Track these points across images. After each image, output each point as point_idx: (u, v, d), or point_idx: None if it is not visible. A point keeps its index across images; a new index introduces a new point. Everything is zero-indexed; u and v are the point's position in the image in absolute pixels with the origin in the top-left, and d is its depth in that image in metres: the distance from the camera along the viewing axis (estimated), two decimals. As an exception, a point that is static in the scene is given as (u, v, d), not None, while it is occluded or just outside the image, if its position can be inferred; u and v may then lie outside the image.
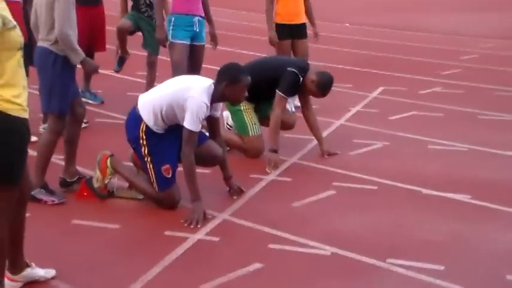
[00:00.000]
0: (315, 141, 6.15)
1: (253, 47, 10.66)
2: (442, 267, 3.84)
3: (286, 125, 5.90)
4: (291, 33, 7.00)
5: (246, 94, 4.71)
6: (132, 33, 7.15)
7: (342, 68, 9.74)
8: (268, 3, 7.04)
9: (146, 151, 4.65)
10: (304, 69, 5.70)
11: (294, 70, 5.62)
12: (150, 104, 4.65)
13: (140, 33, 7.15)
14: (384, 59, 10.66)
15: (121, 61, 7.25)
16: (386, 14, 16.46)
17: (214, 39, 6.45)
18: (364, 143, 6.20)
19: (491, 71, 9.76)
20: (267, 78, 5.60)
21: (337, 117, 7.02)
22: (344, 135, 6.48)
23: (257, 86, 5.16)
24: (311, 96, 5.84)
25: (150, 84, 6.83)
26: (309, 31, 7.18)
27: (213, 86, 4.59)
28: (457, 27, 14.12)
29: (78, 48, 4.58)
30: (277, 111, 5.60)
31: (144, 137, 4.65)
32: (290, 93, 5.72)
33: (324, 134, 6.45)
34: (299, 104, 6.35)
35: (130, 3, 7.15)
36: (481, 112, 7.35)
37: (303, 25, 7.08)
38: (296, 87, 5.69)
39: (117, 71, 7.36)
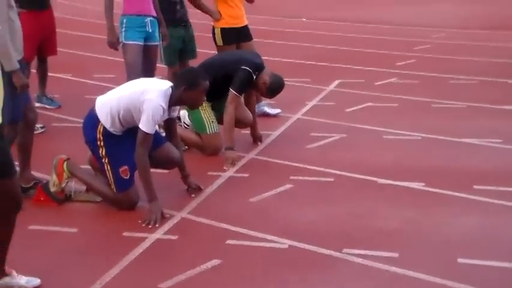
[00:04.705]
0: (273, 136, 6.24)
1: (207, 45, 10.63)
2: (397, 255, 3.93)
3: (243, 123, 5.91)
4: (237, 37, 6.76)
5: (204, 99, 4.75)
6: None
7: (298, 63, 9.81)
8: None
9: (104, 152, 4.66)
10: (258, 67, 5.73)
11: (248, 69, 5.64)
12: (107, 106, 4.67)
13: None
14: (340, 52, 10.76)
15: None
16: (339, 8, 16.54)
17: (165, 38, 6.47)
18: (321, 136, 6.28)
19: (445, 60, 9.92)
20: (222, 76, 5.62)
21: (294, 112, 7.08)
22: (301, 129, 6.55)
23: (213, 84, 5.12)
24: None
25: None
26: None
27: (170, 90, 4.61)
28: (408, 19, 14.23)
29: (13, 55, 4.42)
30: (229, 109, 5.62)
31: (102, 138, 4.67)
32: (243, 91, 5.75)
33: (281, 128, 6.53)
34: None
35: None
36: (435, 101, 7.48)
37: (247, 27, 6.85)
38: (249, 85, 5.73)
39: None
